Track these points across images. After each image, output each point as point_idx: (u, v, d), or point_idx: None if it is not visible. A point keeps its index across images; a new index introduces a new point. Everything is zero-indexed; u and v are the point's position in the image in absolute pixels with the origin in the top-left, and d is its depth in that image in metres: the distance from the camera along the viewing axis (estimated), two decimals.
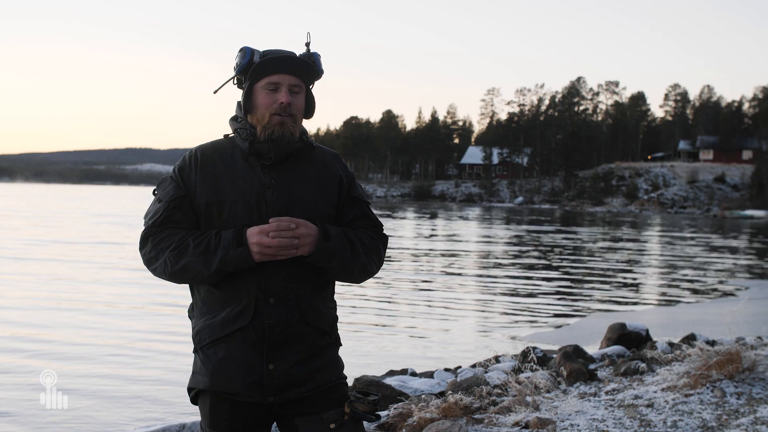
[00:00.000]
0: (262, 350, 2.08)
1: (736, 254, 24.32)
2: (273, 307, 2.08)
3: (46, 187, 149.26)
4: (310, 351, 2.13)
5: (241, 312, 2.09)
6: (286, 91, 2.13)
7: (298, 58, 2.16)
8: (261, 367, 2.09)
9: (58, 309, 10.53)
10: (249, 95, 2.16)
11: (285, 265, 2.08)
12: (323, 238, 2.07)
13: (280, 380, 2.09)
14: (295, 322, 2.10)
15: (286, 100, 2.12)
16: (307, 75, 2.19)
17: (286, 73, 2.14)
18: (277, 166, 2.16)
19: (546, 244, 26.84)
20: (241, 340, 2.09)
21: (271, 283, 2.09)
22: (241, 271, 2.07)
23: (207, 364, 2.13)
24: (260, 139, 2.13)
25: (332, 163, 2.25)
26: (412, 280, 15.37)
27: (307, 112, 2.24)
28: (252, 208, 2.10)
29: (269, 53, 2.16)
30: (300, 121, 2.20)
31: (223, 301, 2.12)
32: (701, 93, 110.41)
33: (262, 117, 2.13)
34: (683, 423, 4.25)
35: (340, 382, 2.21)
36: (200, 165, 2.16)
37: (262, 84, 2.14)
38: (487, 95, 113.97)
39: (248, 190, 2.12)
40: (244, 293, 2.09)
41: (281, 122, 2.12)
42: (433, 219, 48.22)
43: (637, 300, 13.28)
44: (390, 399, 4.99)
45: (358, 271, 2.17)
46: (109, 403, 6.00)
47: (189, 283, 2.18)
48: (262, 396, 2.10)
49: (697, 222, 53.44)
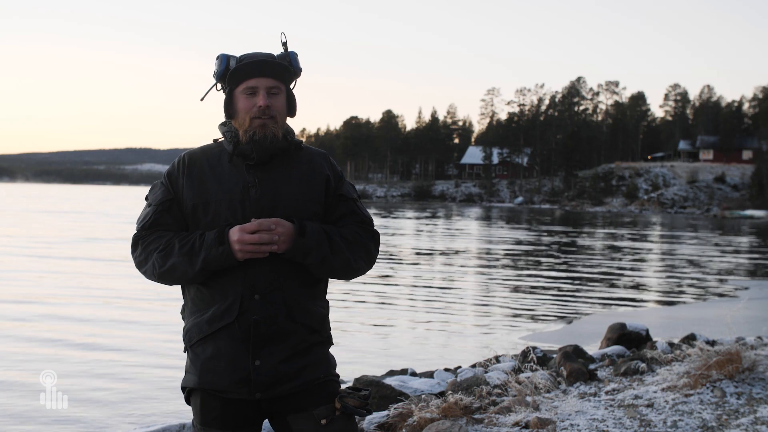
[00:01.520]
0: (249, 347, 2.11)
1: (736, 254, 24.32)
2: (258, 303, 2.11)
3: (46, 188, 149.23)
4: (297, 348, 2.15)
5: (227, 309, 2.12)
6: (263, 95, 2.17)
7: (272, 60, 2.19)
8: (247, 363, 2.11)
9: (59, 308, 10.53)
10: (229, 101, 2.22)
11: (270, 262, 2.12)
12: (298, 234, 2.10)
13: (266, 377, 2.11)
14: (281, 319, 2.12)
15: (263, 103, 2.16)
16: (284, 75, 2.22)
17: (262, 77, 2.18)
18: (261, 165, 2.19)
19: (546, 244, 26.84)
20: (228, 336, 2.12)
21: (256, 280, 2.12)
22: (225, 269, 2.12)
23: (196, 362, 2.18)
24: (243, 142, 2.18)
25: (319, 163, 2.28)
26: (412, 279, 15.37)
27: (289, 111, 2.28)
28: (236, 207, 2.15)
29: (245, 57, 2.20)
30: (282, 121, 2.23)
31: (210, 299, 2.16)
32: (701, 93, 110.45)
33: (243, 121, 2.18)
34: (683, 423, 4.25)
35: (329, 378, 2.22)
36: (187, 168, 2.22)
37: (240, 89, 2.19)
38: (487, 95, 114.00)
39: (233, 190, 2.16)
40: (230, 291, 2.13)
41: (262, 124, 2.17)
42: (433, 219, 48.22)
43: (637, 300, 13.28)
44: (390, 399, 4.99)
45: (340, 267, 2.19)
46: (110, 403, 6.00)
47: (178, 284, 2.22)
48: (249, 392, 2.12)
49: (697, 222, 53.44)
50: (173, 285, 2.22)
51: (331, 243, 2.15)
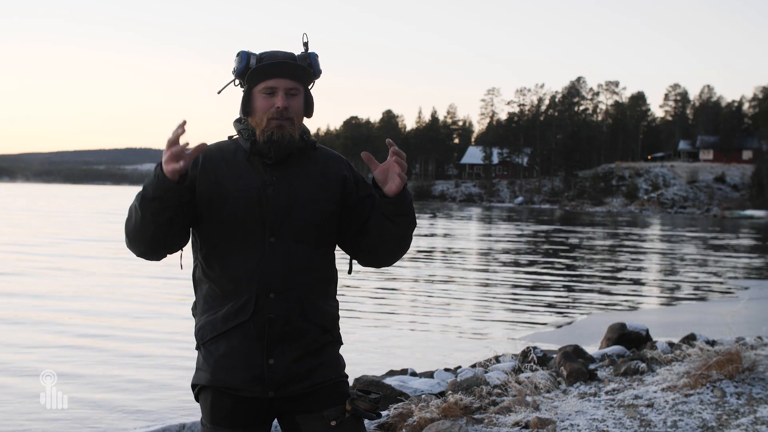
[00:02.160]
0: (263, 345, 2.10)
1: (736, 254, 24.33)
2: (273, 301, 2.10)
3: (47, 188, 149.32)
4: (310, 347, 2.15)
5: (242, 307, 2.11)
6: (282, 96, 2.15)
7: (293, 62, 2.18)
8: (261, 361, 2.10)
9: (58, 308, 10.53)
10: (248, 99, 2.20)
11: (286, 261, 2.11)
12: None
13: (280, 375, 2.11)
14: (295, 318, 2.12)
15: (282, 105, 2.14)
16: (303, 77, 2.21)
17: (282, 77, 2.16)
18: (278, 164, 2.18)
19: (546, 244, 26.85)
20: (242, 335, 2.11)
21: (271, 278, 2.11)
22: (237, 266, 2.10)
23: (209, 359, 2.16)
24: (260, 141, 2.17)
25: (336, 163, 2.27)
26: (412, 279, 15.37)
27: (306, 112, 2.25)
28: (253, 204, 2.13)
29: (266, 56, 2.18)
30: (299, 122, 2.21)
31: (224, 297, 2.14)
32: (701, 93, 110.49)
33: (260, 121, 2.16)
34: (683, 423, 4.25)
35: (340, 380, 2.22)
36: (202, 163, 2.18)
37: (259, 88, 2.17)
38: (487, 95, 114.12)
39: (250, 188, 2.14)
40: (245, 289, 2.11)
41: (279, 125, 2.15)
42: (433, 218, 48.22)
43: (637, 300, 13.28)
44: (390, 399, 4.99)
45: (408, 236, 2.21)
46: (110, 403, 6.00)
47: (147, 245, 2.11)
48: (263, 391, 2.12)
49: (697, 222, 53.44)
50: (147, 250, 2.11)
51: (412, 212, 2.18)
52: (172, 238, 2.10)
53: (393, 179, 2.07)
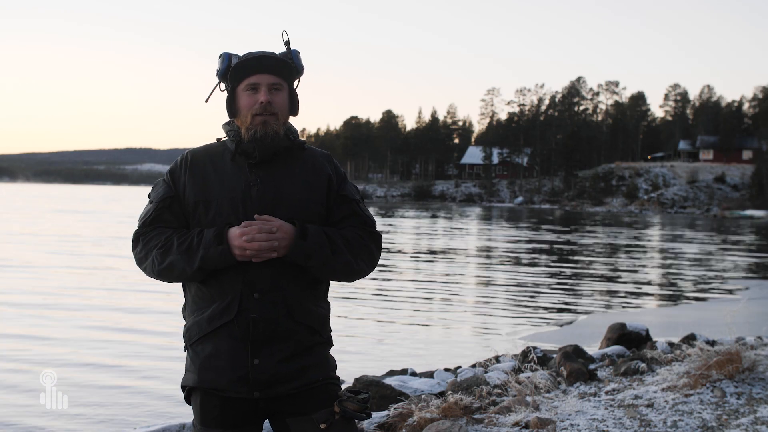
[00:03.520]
0: (247, 345, 2.11)
1: (736, 254, 24.32)
2: (257, 302, 2.11)
3: (47, 188, 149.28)
4: (297, 348, 2.15)
5: (226, 307, 2.12)
6: (265, 91, 2.17)
7: (274, 56, 2.20)
8: (246, 362, 2.11)
9: (59, 308, 10.53)
10: (232, 99, 2.22)
11: (271, 262, 2.11)
12: (300, 237, 2.09)
13: (265, 376, 2.11)
14: (281, 318, 2.12)
15: (265, 99, 2.16)
16: (286, 72, 2.22)
17: (263, 73, 2.18)
18: (263, 164, 2.19)
19: (546, 244, 26.84)
20: (227, 335, 2.12)
21: (256, 279, 2.11)
22: (223, 268, 2.11)
23: (195, 360, 2.18)
24: (245, 140, 2.18)
25: (322, 163, 2.27)
26: (412, 279, 15.37)
27: (291, 109, 2.27)
28: (237, 205, 2.14)
29: (247, 55, 2.20)
30: (284, 118, 2.22)
31: (210, 298, 2.16)
32: (701, 93, 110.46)
33: (245, 118, 2.18)
34: (683, 423, 4.25)
35: (329, 381, 2.21)
36: (190, 166, 2.22)
37: (242, 86, 2.19)
38: (487, 95, 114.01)
39: (235, 188, 2.16)
40: (229, 289, 2.13)
41: (263, 121, 2.16)
42: (433, 218, 48.21)
43: (637, 300, 13.27)
44: (390, 399, 4.99)
45: (341, 269, 2.18)
46: (110, 404, 6.00)
47: (178, 281, 2.22)
48: (248, 391, 2.12)
49: (697, 222, 53.43)
50: (173, 282, 2.22)
51: (332, 245, 2.14)
52: None
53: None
